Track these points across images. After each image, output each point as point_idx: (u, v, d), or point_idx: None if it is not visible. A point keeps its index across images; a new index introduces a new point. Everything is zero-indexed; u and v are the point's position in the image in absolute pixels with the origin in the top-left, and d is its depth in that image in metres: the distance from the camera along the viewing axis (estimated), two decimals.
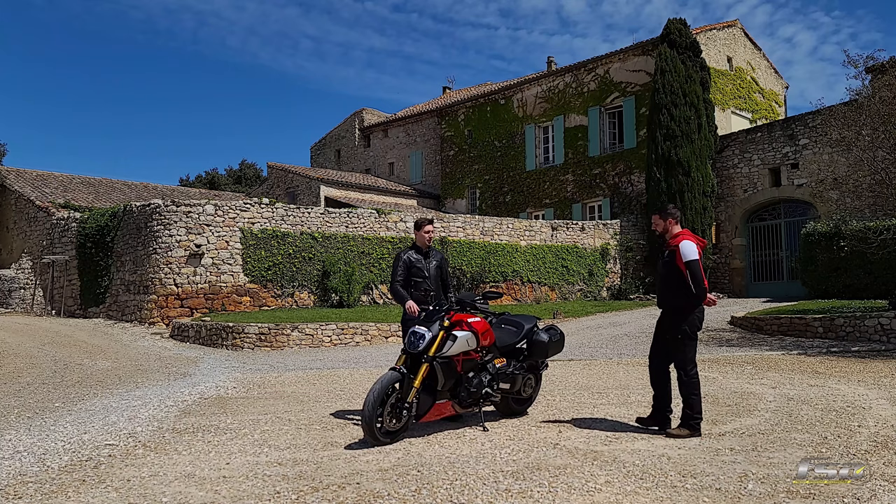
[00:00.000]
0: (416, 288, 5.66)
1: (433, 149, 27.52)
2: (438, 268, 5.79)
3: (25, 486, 3.80)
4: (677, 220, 5.03)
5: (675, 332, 4.83)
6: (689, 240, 4.84)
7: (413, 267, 5.69)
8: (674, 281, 4.83)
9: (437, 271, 5.78)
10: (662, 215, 5.05)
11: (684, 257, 4.76)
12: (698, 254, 4.77)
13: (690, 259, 4.74)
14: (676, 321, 4.83)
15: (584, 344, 11.17)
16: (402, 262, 5.70)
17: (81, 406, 6.37)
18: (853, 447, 4.34)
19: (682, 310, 4.81)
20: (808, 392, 6.33)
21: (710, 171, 18.90)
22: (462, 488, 3.62)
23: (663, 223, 5.03)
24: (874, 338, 10.10)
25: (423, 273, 5.68)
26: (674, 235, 4.97)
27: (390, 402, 4.66)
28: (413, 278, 5.68)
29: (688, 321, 4.80)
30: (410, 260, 5.71)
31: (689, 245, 4.79)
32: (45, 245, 17.93)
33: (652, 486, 3.60)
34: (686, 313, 4.80)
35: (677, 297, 4.83)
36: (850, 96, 12.10)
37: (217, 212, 14.68)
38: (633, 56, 21.71)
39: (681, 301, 4.81)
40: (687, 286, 4.74)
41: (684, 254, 4.77)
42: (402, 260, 5.71)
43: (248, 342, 11.58)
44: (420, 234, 5.77)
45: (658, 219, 5.06)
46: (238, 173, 46.73)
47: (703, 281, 4.74)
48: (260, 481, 3.82)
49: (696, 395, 4.74)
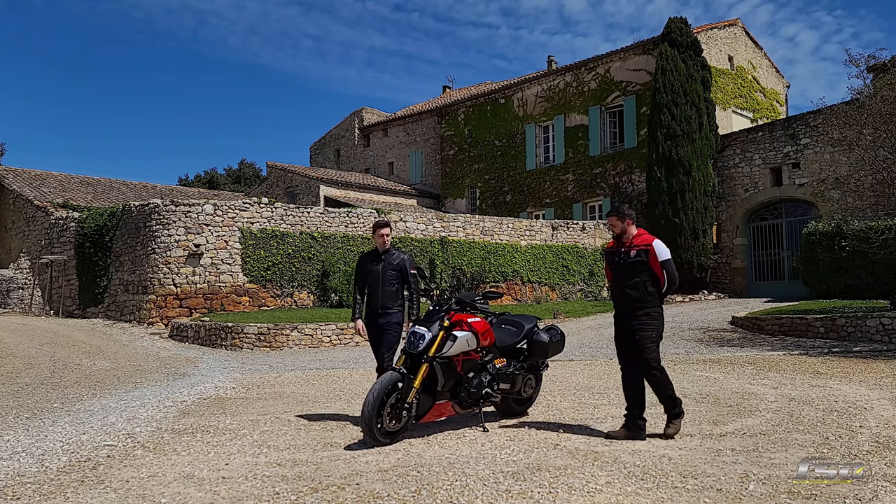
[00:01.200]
0: (370, 293, 5.52)
1: (433, 148, 27.50)
2: (396, 270, 5.51)
3: (24, 486, 3.79)
4: (634, 221, 5.00)
5: (650, 332, 4.75)
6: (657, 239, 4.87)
7: (366, 271, 5.57)
8: (643, 281, 4.76)
9: (393, 274, 5.49)
10: (620, 217, 4.95)
11: (659, 256, 4.71)
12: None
13: (666, 258, 4.72)
14: (648, 322, 4.75)
15: (585, 344, 11.15)
16: (358, 268, 5.65)
17: (80, 406, 6.36)
18: (855, 448, 4.32)
19: (653, 310, 4.77)
20: (810, 392, 6.31)
21: (710, 171, 18.88)
22: (462, 489, 3.61)
23: (621, 224, 4.93)
24: (876, 338, 10.07)
25: (374, 277, 5.50)
26: (635, 236, 4.91)
27: (390, 402, 4.65)
28: (367, 283, 5.56)
29: (661, 321, 4.81)
30: (363, 264, 5.61)
31: (662, 245, 4.79)
32: (44, 245, 17.92)
33: (653, 487, 3.59)
34: (657, 314, 4.78)
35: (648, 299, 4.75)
36: (852, 95, 12.08)
37: (216, 211, 14.66)
38: (633, 55, 21.69)
39: (653, 301, 4.76)
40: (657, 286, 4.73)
41: (660, 253, 4.72)
42: (358, 266, 5.67)
43: (247, 342, 11.57)
44: (375, 236, 5.62)
45: (615, 220, 4.95)
46: (237, 173, 46.76)
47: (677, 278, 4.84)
48: (259, 482, 3.82)
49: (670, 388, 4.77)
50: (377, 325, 5.51)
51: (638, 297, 4.77)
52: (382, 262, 5.53)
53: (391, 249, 5.59)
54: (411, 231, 16.93)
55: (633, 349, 4.81)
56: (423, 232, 17.06)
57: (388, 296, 5.47)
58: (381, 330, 5.51)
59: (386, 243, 5.56)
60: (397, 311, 5.51)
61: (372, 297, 5.51)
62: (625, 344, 4.91)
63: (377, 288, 5.48)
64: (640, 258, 4.76)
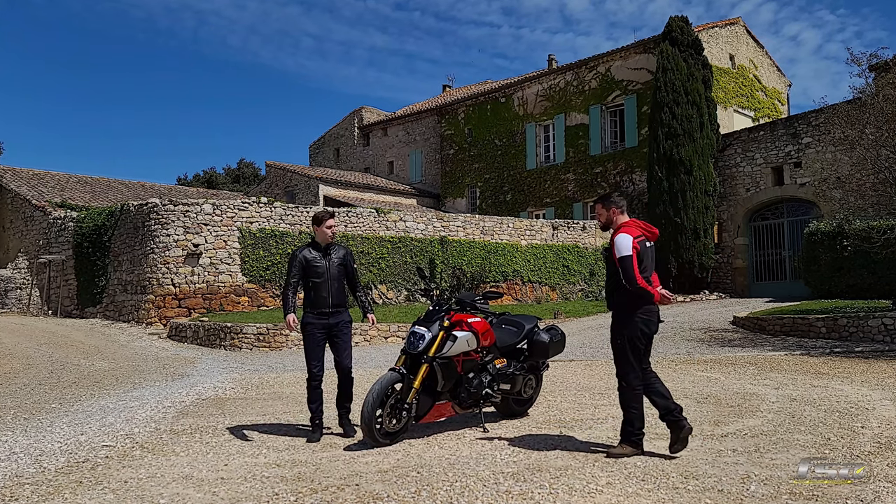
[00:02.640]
0: (316, 291, 5.03)
1: (433, 147, 27.48)
2: (342, 265, 5.14)
3: (22, 487, 3.78)
4: (622, 209, 4.44)
5: (615, 338, 4.34)
6: (626, 232, 4.24)
7: (310, 267, 5.04)
8: (614, 279, 4.29)
9: (339, 269, 5.12)
10: (605, 204, 4.45)
11: (617, 252, 4.19)
12: (634, 249, 4.17)
13: (621, 255, 4.16)
14: (615, 325, 4.35)
15: (586, 344, 11.13)
16: (296, 261, 5.06)
17: (78, 407, 6.34)
18: (856, 448, 4.30)
19: (622, 312, 4.31)
20: (811, 393, 6.28)
21: (712, 170, 18.85)
22: (462, 490, 3.60)
23: (606, 213, 4.44)
24: (878, 338, 10.04)
25: (322, 273, 5.04)
26: (617, 227, 4.37)
27: (390, 402, 4.63)
28: (310, 279, 5.04)
29: (629, 326, 4.25)
30: (306, 258, 5.06)
31: (622, 239, 4.20)
32: (42, 245, 17.89)
33: (654, 488, 3.58)
34: (626, 316, 4.27)
35: (617, 298, 4.31)
36: (854, 94, 12.06)
37: (215, 211, 14.64)
38: (634, 54, 21.66)
39: (621, 301, 4.29)
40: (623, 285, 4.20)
41: (617, 249, 4.19)
42: (298, 259, 5.06)
43: (246, 342, 11.54)
44: (321, 229, 5.12)
45: (601, 208, 4.47)
46: (236, 172, 46.75)
47: (637, 279, 4.13)
48: (258, 483, 3.80)
49: (636, 409, 4.23)
50: (325, 326, 5.02)
51: (609, 298, 4.41)
52: (329, 256, 5.11)
53: (333, 243, 5.20)
54: (411, 231, 16.91)
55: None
56: (422, 231, 17.04)
57: (338, 293, 5.09)
58: (332, 330, 5.05)
59: (333, 236, 5.19)
60: (345, 309, 5.16)
61: (318, 297, 5.02)
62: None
63: (325, 285, 5.03)
64: (609, 252, 4.32)
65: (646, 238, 4.33)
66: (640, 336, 4.27)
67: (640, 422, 4.25)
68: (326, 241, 5.13)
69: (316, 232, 5.17)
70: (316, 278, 5.03)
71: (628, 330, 4.26)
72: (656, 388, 4.31)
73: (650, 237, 4.37)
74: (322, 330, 5.03)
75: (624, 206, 4.49)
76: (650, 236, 4.38)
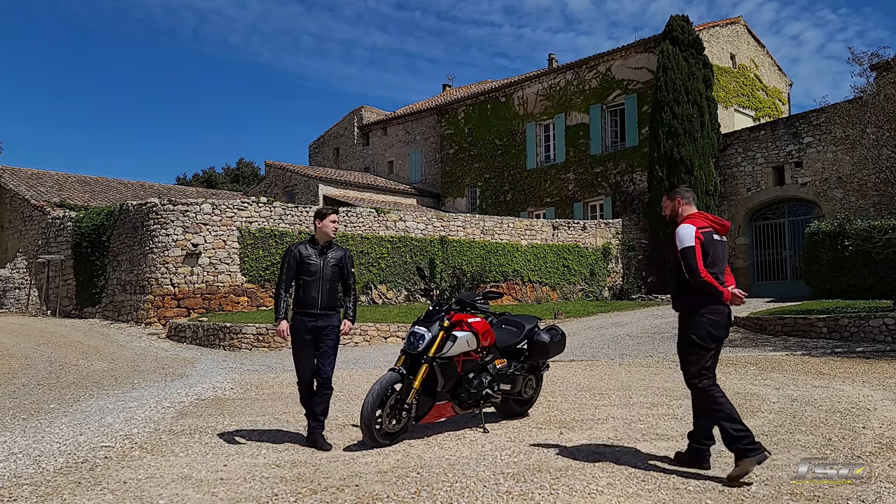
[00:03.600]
0: (305, 289, 4.71)
1: (433, 147, 27.46)
2: (338, 266, 4.84)
3: (21, 488, 3.77)
4: (689, 201, 4.15)
5: (680, 339, 4.01)
6: (689, 223, 3.97)
7: (303, 263, 4.72)
8: (678, 275, 3.96)
9: (334, 270, 4.82)
10: (671, 195, 4.22)
11: (679, 244, 3.89)
12: (697, 239, 3.87)
13: (683, 246, 3.86)
14: (681, 325, 4.02)
15: (586, 344, 11.11)
16: (290, 257, 4.74)
17: (77, 407, 6.32)
18: (858, 449, 4.29)
19: (687, 310, 3.97)
20: (812, 393, 6.27)
21: (712, 170, 18.83)
22: (462, 490, 3.58)
23: (672, 204, 4.19)
24: (879, 338, 10.02)
25: (314, 271, 4.73)
26: (684, 218, 4.07)
27: (389, 403, 4.61)
28: (302, 276, 4.72)
29: (693, 325, 3.91)
30: (300, 254, 4.74)
31: (683, 229, 3.92)
32: (41, 244, 17.87)
33: (654, 489, 3.56)
34: (691, 315, 3.93)
35: (682, 295, 3.98)
36: (855, 94, 12.05)
37: (214, 211, 14.62)
38: (635, 53, 21.64)
39: (685, 300, 3.96)
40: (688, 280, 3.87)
41: (679, 240, 3.90)
42: (291, 254, 4.75)
43: (245, 343, 11.52)
44: (324, 223, 4.81)
45: (666, 200, 4.25)
46: (235, 172, 46.74)
47: (700, 271, 3.81)
48: (258, 483, 3.79)
49: (719, 412, 3.75)
50: (312, 328, 4.70)
51: (675, 292, 4.08)
52: (325, 255, 4.83)
53: (332, 243, 4.92)
54: (411, 230, 16.89)
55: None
56: (422, 231, 17.02)
57: (329, 295, 4.77)
58: (319, 334, 4.73)
59: (334, 234, 4.91)
60: (335, 313, 4.83)
61: (307, 296, 4.71)
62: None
63: (317, 285, 4.72)
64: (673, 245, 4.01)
65: (714, 230, 3.99)
66: (707, 337, 3.87)
67: (737, 424, 3.69)
68: (327, 238, 4.86)
69: (317, 228, 4.87)
70: (307, 276, 4.72)
71: (694, 330, 3.90)
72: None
73: (719, 230, 4.03)
74: (309, 332, 4.71)
75: (691, 198, 4.20)
76: (719, 229, 4.04)
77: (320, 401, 4.75)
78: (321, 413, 4.74)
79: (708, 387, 3.82)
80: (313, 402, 4.75)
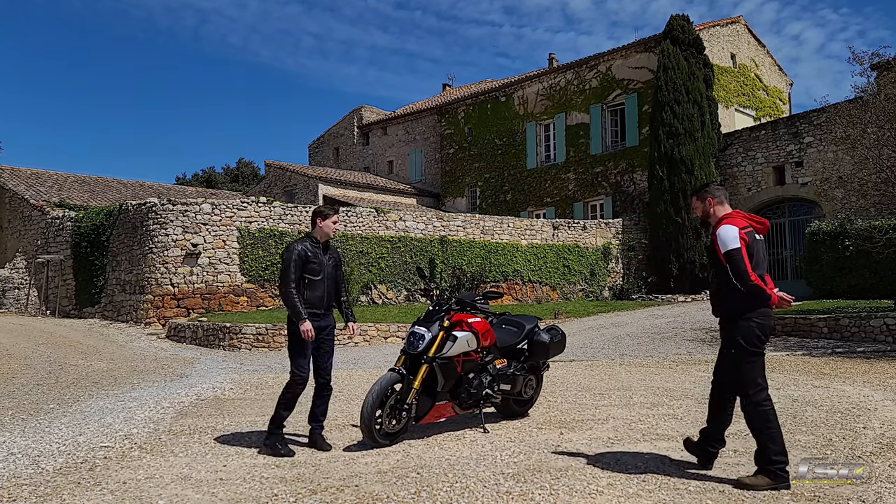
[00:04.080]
0: (311, 289, 4.62)
1: (433, 147, 27.44)
2: (335, 267, 4.81)
3: (20, 488, 3.76)
4: (721, 200, 3.91)
5: (728, 346, 3.77)
6: (730, 223, 3.73)
7: (308, 263, 4.61)
8: (721, 279, 3.75)
9: (335, 269, 4.79)
10: (700, 195, 3.97)
11: (722, 246, 3.66)
12: (741, 240, 3.64)
13: (728, 249, 3.63)
14: (728, 331, 3.78)
15: (586, 344, 11.10)
16: (295, 255, 4.59)
17: (76, 407, 6.31)
18: (858, 449, 4.29)
19: (734, 315, 3.72)
20: (813, 393, 6.26)
21: (713, 170, 18.81)
22: (462, 491, 3.58)
23: (702, 205, 3.94)
24: (880, 338, 10.01)
25: (319, 270, 4.65)
26: (718, 220, 3.84)
27: (389, 403, 4.60)
28: (307, 276, 4.61)
29: (742, 330, 3.68)
30: (306, 253, 4.62)
31: (726, 230, 3.68)
32: (40, 244, 17.85)
33: (654, 489, 3.56)
34: (738, 320, 3.70)
35: (726, 300, 3.76)
36: (856, 93, 12.04)
37: (214, 211, 14.61)
38: (635, 53, 21.62)
39: (731, 304, 3.74)
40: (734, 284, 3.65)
41: (722, 242, 3.67)
42: (297, 253, 4.60)
43: (245, 343, 11.51)
44: (326, 223, 4.73)
45: (696, 201, 4.01)
46: (235, 172, 46.74)
47: (749, 275, 3.60)
48: (257, 484, 3.79)
49: (769, 429, 3.58)
50: (317, 327, 4.64)
51: (719, 299, 3.84)
52: (328, 253, 4.79)
53: (329, 242, 4.85)
54: (411, 230, 16.87)
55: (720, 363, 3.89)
56: (422, 231, 17.01)
57: (332, 294, 4.76)
58: (321, 334, 4.68)
59: (335, 234, 4.85)
60: (332, 312, 4.85)
61: (314, 296, 4.64)
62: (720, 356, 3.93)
63: (322, 284, 4.67)
64: (713, 249, 3.79)
65: (754, 230, 3.78)
66: (757, 341, 3.67)
67: (778, 446, 3.56)
68: (326, 238, 4.78)
69: (317, 227, 4.77)
70: (313, 276, 4.64)
71: (743, 335, 3.67)
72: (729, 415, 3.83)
73: (759, 229, 3.83)
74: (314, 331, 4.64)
75: (723, 196, 3.95)
76: (759, 228, 3.83)
77: (320, 402, 4.76)
78: (321, 414, 4.75)
79: (762, 401, 3.64)
80: (314, 404, 4.75)
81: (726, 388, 3.85)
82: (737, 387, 3.74)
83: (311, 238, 4.78)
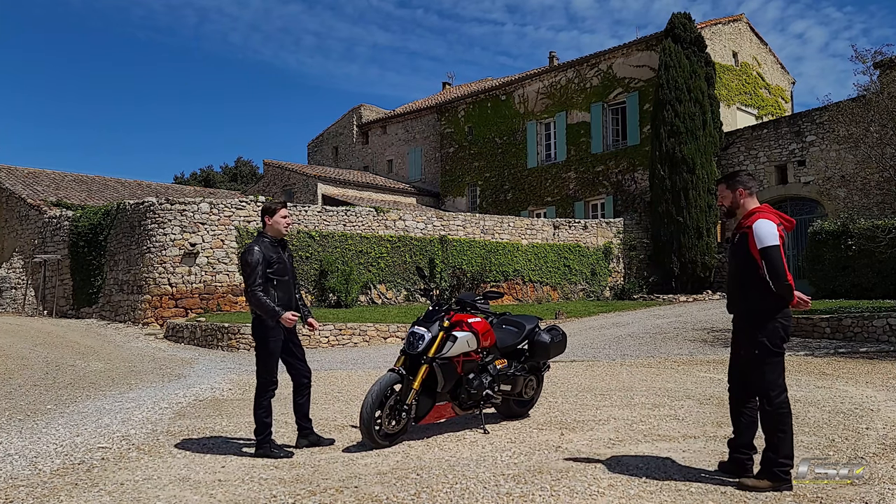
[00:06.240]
0: (280, 290, 4.48)
1: (433, 146, 27.41)
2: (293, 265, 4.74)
3: (17, 489, 3.74)
4: (752, 192, 3.72)
5: (751, 347, 3.61)
6: (767, 218, 3.57)
7: (273, 264, 4.47)
8: (746, 276, 3.60)
9: (293, 269, 4.71)
10: (730, 184, 3.73)
11: (759, 242, 3.49)
12: (779, 238, 3.52)
13: (767, 245, 3.48)
14: (751, 331, 3.62)
15: (587, 345, 11.07)
16: (262, 258, 4.41)
17: (74, 408, 6.28)
18: (861, 450, 4.26)
19: (758, 315, 3.59)
20: (815, 394, 6.23)
21: (714, 169, 18.78)
22: (462, 492, 3.56)
23: (731, 195, 3.72)
24: (882, 338, 9.98)
25: (285, 270, 4.54)
26: (748, 213, 3.66)
27: (389, 403, 4.57)
28: (274, 277, 4.47)
29: (767, 331, 3.56)
30: (270, 255, 4.47)
31: (765, 226, 3.51)
32: (37, 244, 17.80)
33: (656, 490, 3.53)
34: (763, 320, 3.57)
35: (750, 298, 3.62)
36: (858, 92, 12.02)
37: (212, 210, 14.57)
38: (636, 51, 21.58)
39: (755, 303, 3.60)
40: (763, 282, 3.53)
41: (759, 237, 3.50)
42: (261, 255, 4.43)
43: (243, 343, 11.47)
44: (275, 219, 4.57)
45: (724, 189, 3.76)
46: (234, 171, 46.76)
47: (787, 275, 3.50)
48: (256, 485, 3.77)
49: (783, 433, 3.53)
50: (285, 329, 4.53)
51: (742, 297, 3.68)
52: (286, 251, 4.67)
53: (284, 239, 4.70)
54: (410, 230, 16.84)
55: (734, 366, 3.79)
56: (422, 231, 16.97)
57: (295, 293, 4.67)
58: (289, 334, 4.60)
59: (287, 229, 4.67)
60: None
61: (284, 295, 4.52)
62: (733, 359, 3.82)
63: (289, 283, 4.57)
64: (741, 243, 3.62)
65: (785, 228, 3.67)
66: (780, 342, 3.58)
67: (788, 449, 3.51)
68: (280, 235, 4.63)
69: (268, 225, 4.59)
70: (280, 276, 4.49)
71: (767, 335, 3.56)
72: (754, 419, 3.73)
73: (788, 227, 3.70)
74: (283, 333, 4.54)
75: (754, 187, 3.77)
76: (788, 226, 3.70)
77: (303, 401, 4.71)
78: (308, 409, 4.74)
79: (783, 404, 3.57)
80: (299, 404, 4.70)
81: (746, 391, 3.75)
82: (758, 389, 3.64)
83: (266, 237, 4.60)
